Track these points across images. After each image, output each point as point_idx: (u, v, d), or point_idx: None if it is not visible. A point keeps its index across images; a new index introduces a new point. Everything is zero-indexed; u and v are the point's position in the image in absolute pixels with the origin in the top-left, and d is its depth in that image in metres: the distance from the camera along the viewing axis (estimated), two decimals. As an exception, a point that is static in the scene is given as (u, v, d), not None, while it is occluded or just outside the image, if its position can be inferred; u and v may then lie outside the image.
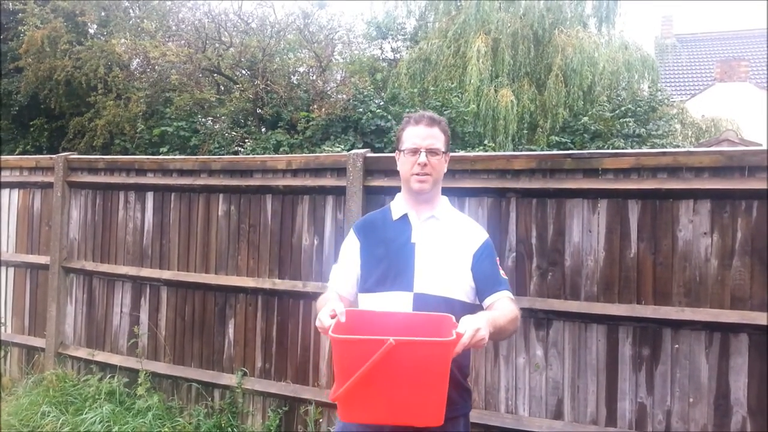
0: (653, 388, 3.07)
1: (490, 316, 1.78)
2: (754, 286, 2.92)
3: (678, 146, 9.35)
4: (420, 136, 2.01)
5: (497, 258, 2.11)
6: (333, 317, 1.74)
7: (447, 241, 2.04)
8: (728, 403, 2.93)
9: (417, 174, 2.00)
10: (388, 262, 2.03)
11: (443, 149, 2.04)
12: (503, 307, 1.93)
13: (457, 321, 1.69)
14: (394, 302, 1.98)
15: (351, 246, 2.15)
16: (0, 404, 4.47)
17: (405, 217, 2.09)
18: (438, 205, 2.11)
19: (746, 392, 2.91)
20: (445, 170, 2.10)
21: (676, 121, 10.94)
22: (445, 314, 1.80)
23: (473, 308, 2.02)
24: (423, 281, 1.99)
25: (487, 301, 2.01)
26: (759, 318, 2.86)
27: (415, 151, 2.00)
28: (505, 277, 2.08)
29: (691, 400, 3.00)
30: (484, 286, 2.02)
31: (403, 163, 2.05)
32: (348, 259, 2.14)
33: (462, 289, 2.02)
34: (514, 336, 3.33)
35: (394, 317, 1.86)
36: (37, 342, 4.92)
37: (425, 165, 1.98)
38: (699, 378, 2.99)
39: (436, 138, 2.02)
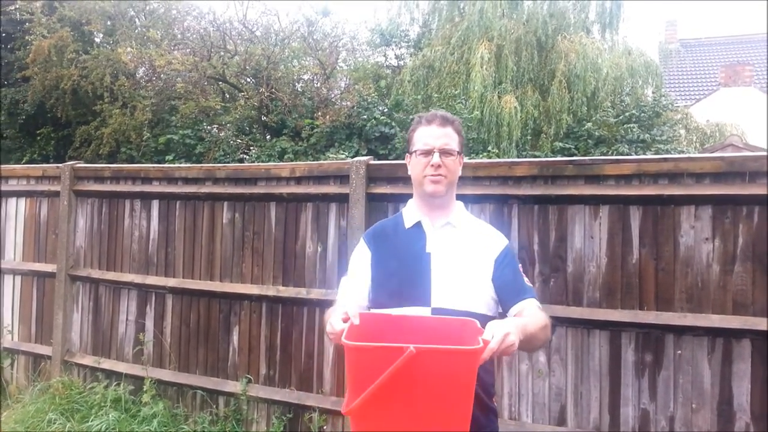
0: (656, 394, 3.07)
1: (520, 322, 1.62)
2: (756, 292, 2.92)
3: (682, 151, 9.35)
4: (433, 136, 1.87)
5: (519, 265, 1.96)
6: (345, 321, 1.58)
7: (465, 250, 1.89)
8: (731, 408, 2.93)
9: (430, 175, 1.85)
10: (401, 274, 1.87)
11: (458, 150, 1.89)
12: (532, 314, 1.79)
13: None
14: None
15: (361, 256, 1.99)
16: (1, 410, 4.50)
17: (418, 224, 1.94)
18: (453, 210, 1.95)
19: (749, 398, 2.90)
20: (460, 173, 1.94)
21: (680, 126, 10.94)
22: (468, 318, 1.66)
23: None
24: (441, 295, 1.83)
25: (512, 311, 1.84)
26: (761, 323, 2.86)
27: (428, 152, 1.85)
28: (530, 285, 1.93)
29: (694, 405, 2.99)
30: (508, 295, 1.86)
31: (415, 165, 1.90)
32: (358, 271, 1.97)
33: (483, 301, 1.86)
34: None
35: (412, 321, 1.72)
36: (44, 350, 4.95)
37: (439, 166, 1.84)
38: (702, 384, 2.99)
39: (450, 138, 1.88)
